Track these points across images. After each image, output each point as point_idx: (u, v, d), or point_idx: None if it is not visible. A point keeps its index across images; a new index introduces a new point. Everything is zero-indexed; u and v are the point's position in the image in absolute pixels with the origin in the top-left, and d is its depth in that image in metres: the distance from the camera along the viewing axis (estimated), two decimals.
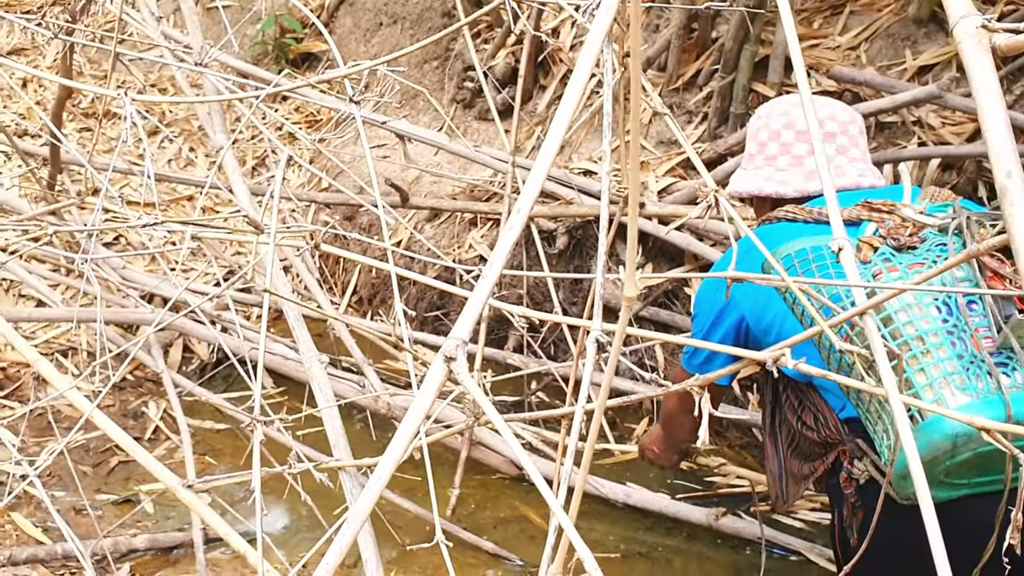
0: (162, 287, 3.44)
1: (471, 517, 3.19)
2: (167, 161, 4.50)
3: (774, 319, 1.95)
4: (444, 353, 0.97)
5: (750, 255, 1.80)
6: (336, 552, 0.92)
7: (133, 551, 2.87)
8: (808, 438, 1.98)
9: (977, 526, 1.56)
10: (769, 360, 1.02)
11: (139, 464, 3.24)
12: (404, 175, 4.06)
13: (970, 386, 1.56)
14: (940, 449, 1.57)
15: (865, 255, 1.71)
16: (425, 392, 0.97)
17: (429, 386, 0.97)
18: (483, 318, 3.45)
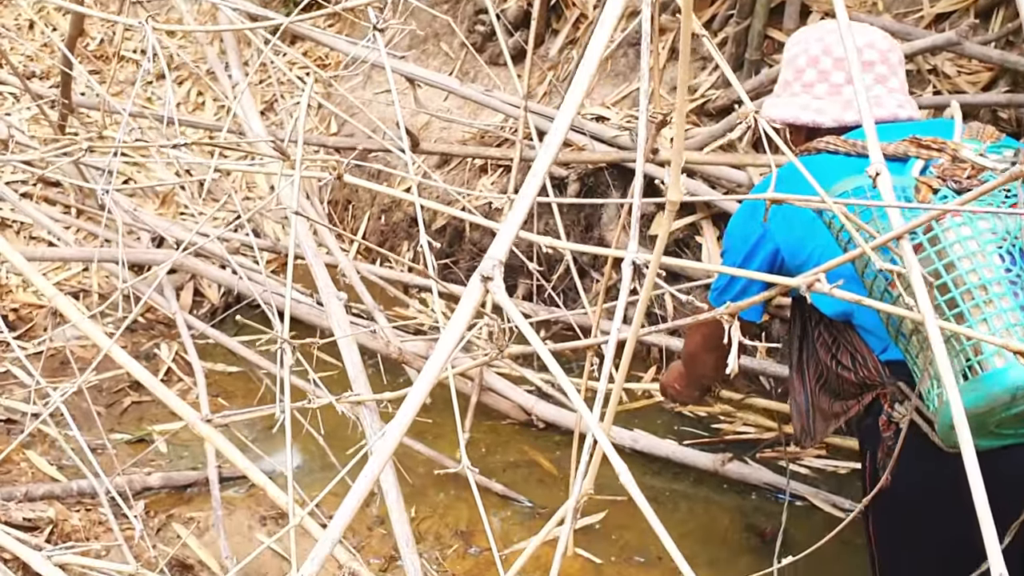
0: (173, 229, 3.43)
1: (481, 461, 3.21)
2: (176, 105, 4.47)
3: (812, 252, 1.88)
4: (481, 273, 0.97)
5: (791, 183, 1.75)
6: (367, 479, 0.92)
7: (148, 488, 2.89)
8: (843, 377, 1.94)
9: (1020, 474, 1.57)
10: (803, 285, 1.02)
11: (152, 404, 3.30)
12: (414, 120, 4.04)
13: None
14: (999, 401, 1.54)
15: (924, 196, 1.65)
16: (462, 311, 0.97)
17: (466, 305, 0.97)
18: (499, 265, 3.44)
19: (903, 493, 1.83)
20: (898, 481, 1.80)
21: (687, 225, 3.72)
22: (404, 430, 0.95)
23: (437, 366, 0.96)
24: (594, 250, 1.20)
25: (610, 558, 2.79)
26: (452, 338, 0.96)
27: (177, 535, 2.74)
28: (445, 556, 2.81)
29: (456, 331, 0.97)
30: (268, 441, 3.11)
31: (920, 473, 1.77)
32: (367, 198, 4.16)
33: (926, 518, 1.87)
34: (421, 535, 2.87)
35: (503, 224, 0.99)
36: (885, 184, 0.98)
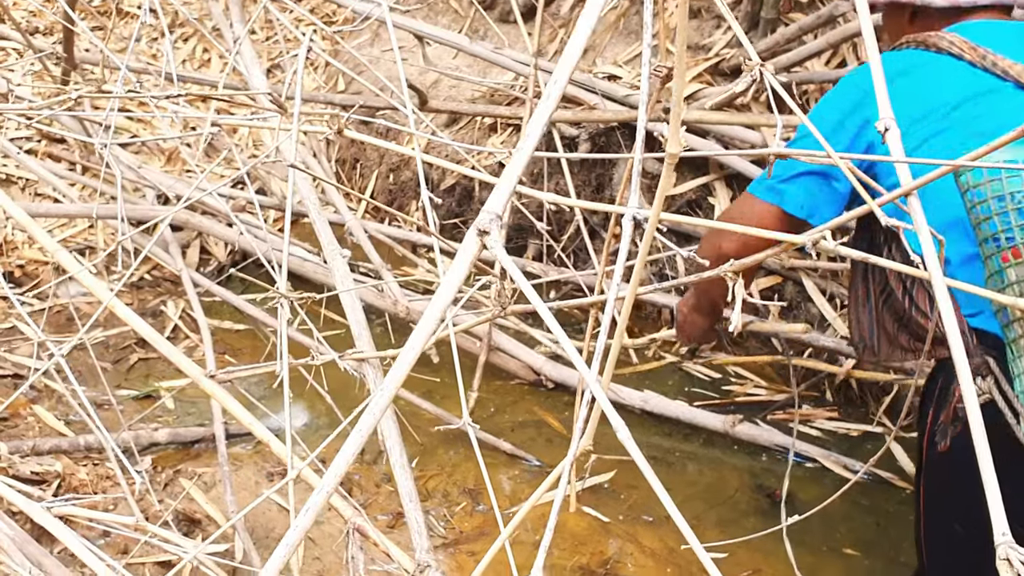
0: (176, 185, 3.40)
1: (490, 420, 3.21)
2: (181, 62, 4.43)
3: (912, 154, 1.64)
4: (478, 226, 0.94)
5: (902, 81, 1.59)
6: (368, 423, 0.90)
7: (155, 444, 2.90)
8: (916, 321, 1.72)
9: None
10: (808, 243, 0.99)
11: (159, 361, 3.30)
12: (422, 78, 4.00)
13: None
14: None
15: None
16: (458, 265, 0.94)
17: (462, 259, 0.95)
18: (504, 224, 3.42)
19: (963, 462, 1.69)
20: (960, 451, 1.63)
21: (700, 186, 3.68)
22: (400, 382, 0.93)
23: (433, 319, 0.94)
24: (596, 206, 1.17)
25: (618, 517, 2.79)
26: (448, 292, 0.94)
27: (184, 490, 2.75)
28: (453, 513, 2.81)
29: (452, 285, 0.95)
30: (275, 399, 3.11)
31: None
32: (375, 157, 4.13)
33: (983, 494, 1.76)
34: (429, 493, 2.88)
35: (501, 178, 0.96)
36: (894, 140, 0.95)
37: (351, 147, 4.23)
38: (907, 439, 3.07)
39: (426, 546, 1.60)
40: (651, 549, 2.68)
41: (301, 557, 2.60)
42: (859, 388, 3.25)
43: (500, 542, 1.07)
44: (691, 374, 3.45)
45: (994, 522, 0.74)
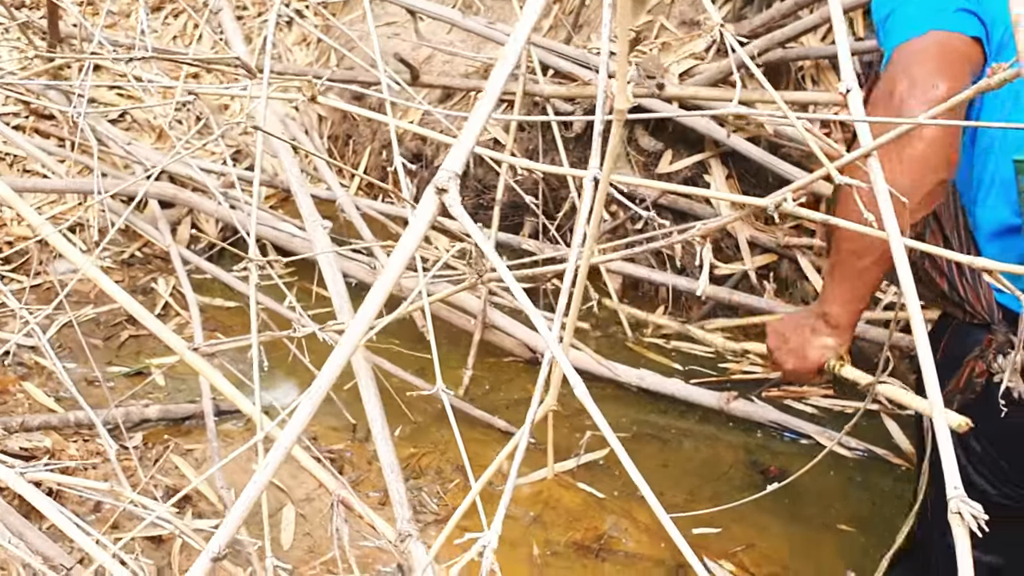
0: (162, 160, 3.38)
1: (484, 397, 3.20)
2: (172, 38, 4.40)
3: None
4: (436, 184, 0.92)
5: None
6: (329, 373, 0.88)
7: (145, 421, 2.89)
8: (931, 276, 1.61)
9: None
10: (771, 205, 0.97)
11: (150, 338, 3.29)
12: (415, 53, 3.97)
13: None
14: None
15: None
16: (416, 224, 0.92)
17: (420, 218, 0.93)
18: (499, 201, 3.40)
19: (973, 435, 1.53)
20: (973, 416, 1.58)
21: (696, 164, 3.65)
22: (360, 339, 0.92)
23: (390, 279, 0.92)
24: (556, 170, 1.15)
25: (613, 493, 2.78)
26: (406, 250, 0.92)
27: (175, 466, 2.75)
28: (446, 490, 2.80)
29: (410, 243, 0.93)
30: (267, 376, 3.11)
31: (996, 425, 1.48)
32: (367, 133, 4.10)
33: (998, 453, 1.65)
34: (422, 470, 2.87)
35: (459, 137, 0.94)
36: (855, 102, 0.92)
37: (344, 123, 4.21)
38: (902, 416, 3.05)
39: (407, 516, 1.59)
40: (645, 524, 2.67)
41: (292, 533, 2.59)
42: (854, 365, 3.22)
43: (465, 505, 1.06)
44: (686, 352, 3.44)
45: (947, 476, 0.73)
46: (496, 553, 2.58)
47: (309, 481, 2.70)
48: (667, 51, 3.73)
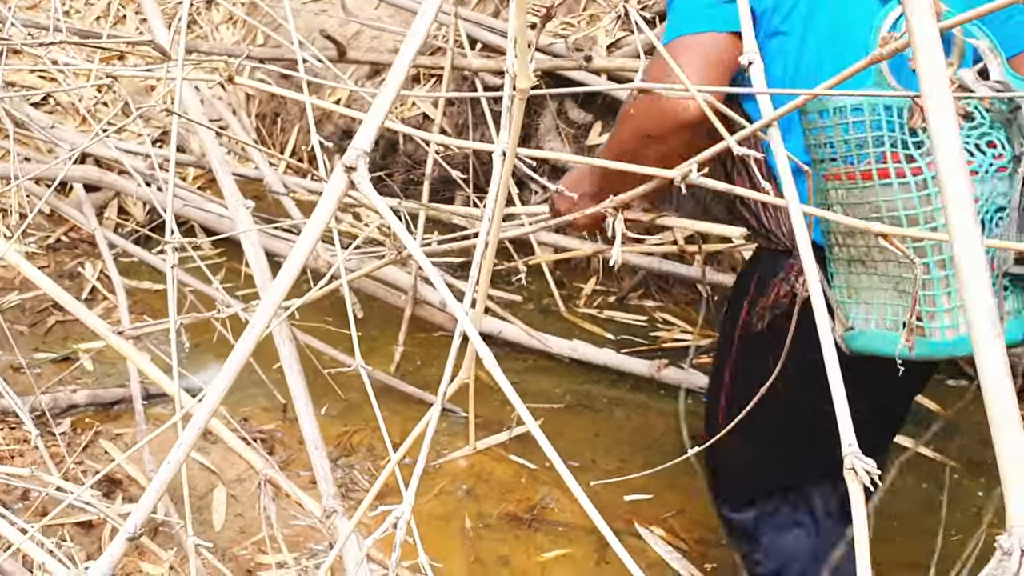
0: (94, 146, 3.33)
1: (417, 373, 3.21)
2: (95, 18, 4.31)
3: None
4: (344, 162, 0.93)
5: None
6: (242, 351, 0.89)
7: (73, 407, 2.86)
8: (743, 214, 1.77)
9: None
10: (678, 176, 1.00)
11: (77, 323, 3.24)
12: (343, 30, 3.94)
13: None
14: (931, 359, 1.54)
15: (915, 122, 1.44)
16: (325, 202, 0.94)
17: (329, 196, 0.94)
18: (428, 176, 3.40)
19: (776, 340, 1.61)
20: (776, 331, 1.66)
21: None
22: (271, 317, 0.93)
23: (300, 256, 0.93)
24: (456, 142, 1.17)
25: (544, 464, 2.82)
26: (315, 229, 0.93)
27: (105, 451, 2.72)
28: (378, 467, 2.81)
29: (319, 221, 0.94)
30: (196, 359, 3.09)
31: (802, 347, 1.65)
32: (296, 111, 4.06)
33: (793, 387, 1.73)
34: (353, 448, 2.88)
35: (368, 114, 0.95)
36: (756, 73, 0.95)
37: (272, 101, 4.17)
38: None
39: (332, 492, 1.60)
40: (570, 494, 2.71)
41: (223, 514, 2.59)
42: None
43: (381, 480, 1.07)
44: (619, 321, 3.48)
45: (842, 434, 0.76)
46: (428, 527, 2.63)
47: (240, 462, 2.69)
48: (595, 23, 3.75)
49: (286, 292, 0.94)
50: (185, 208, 2.46)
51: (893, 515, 2.61)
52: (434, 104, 3.76)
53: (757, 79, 0.95)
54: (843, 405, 0.75)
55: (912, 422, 2.96)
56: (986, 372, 0.64)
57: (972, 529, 2.55)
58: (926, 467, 2.80)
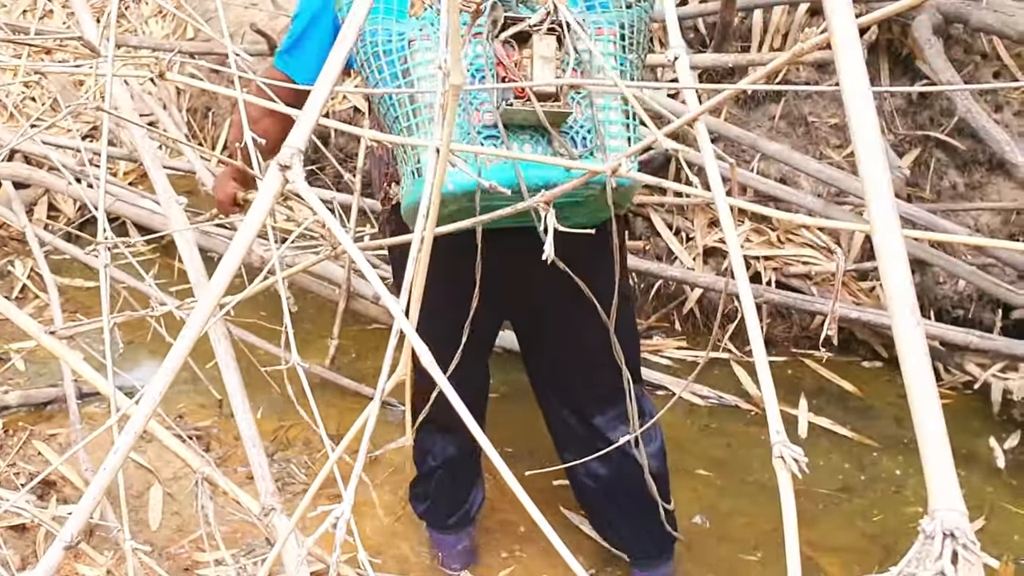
0: (22, 143, 3.29)
1: (352, 366, 3.23)
2: (22, 12, 4.25)
3: None
4: (279, 161, 0.96)
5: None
6: (180, 350, 0.92)
7: (5, 408, 2.83)
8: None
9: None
10: (607, 170, 1.04)
11: (7, 322, 3.20)
12: (273, 23, 3.93)
13: (461, 155, 1.67)
14: None
15: (416, 11, 1.74)
16: (261, 200, 0.96)
17: (265, 194, 0.97)
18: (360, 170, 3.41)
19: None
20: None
21: None
22: (209, 314, 0.95)
23: (237, 254, 0.96)
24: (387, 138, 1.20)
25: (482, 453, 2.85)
26: (252, 227, 0.96)
27: (38, 452, 2.70)
28: (314, 460, 2.83)
29: (255, 220, 0.97)
30: (130, 357, 3.07)
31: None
32: (227, 106, 4.05)
33: None
34: (290, 442, 2.89)
35: (302, 113, 0.98)
36: (683, 68, 1.00)
37: (203, 96, 4.14)
38: (750, 364, 3.21)
39: (271, 489, 1.62)
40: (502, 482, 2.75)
41: (160, 512, 2.59)
42: (704, 317, 3.38)
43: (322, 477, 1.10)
44: None
45: (770, 424, 0.80)
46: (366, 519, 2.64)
47: (176, 460, 2.69)
48: None
49: (223, 292, 0.96)
50: (116, 204, 2.45)
51: (816, 496, 2.69)
52: (365, 98, 3.76)
53: (684, 73, 1.00)
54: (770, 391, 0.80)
55: (832, 403, 3.07)
56: (906, 355, 0.67)
57: (893, 508, 2.65)
58: (846, 446, 2.89)
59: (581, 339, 2.10)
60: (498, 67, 1.71)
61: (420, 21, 1.74)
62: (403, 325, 0.95)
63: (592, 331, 1.90)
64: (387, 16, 1.75)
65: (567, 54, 1.73)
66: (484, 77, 1.71)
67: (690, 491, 2.69)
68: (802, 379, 3.18)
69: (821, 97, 3.37)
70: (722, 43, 3.28)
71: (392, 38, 1.73)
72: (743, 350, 3.27)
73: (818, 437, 2.93)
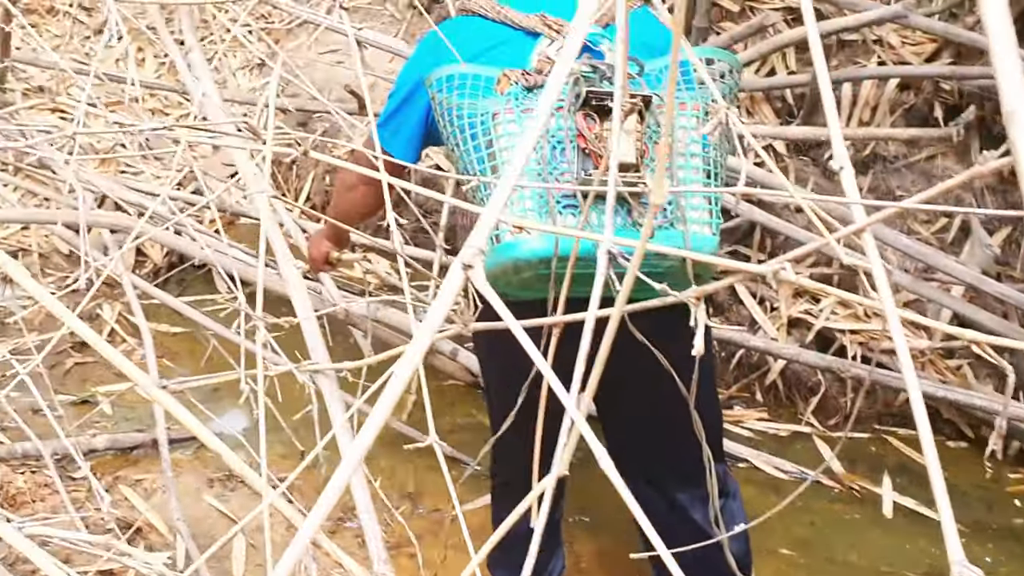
0: (117, 189, 3.36)
1: (427, 422, 3.23)
2: (115, 61, 4.36)
3: None
4: (462, 260, 0.98)
5: (441, 47, 1.97)
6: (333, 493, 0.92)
7: (93, 451, 2.87)
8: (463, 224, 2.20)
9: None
10: (769, 273, 1.05)
11: (96, 365, 3.27)
12: (360, 82, 4.00)
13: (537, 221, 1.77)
14: (504, 268, 1.77)
15: (503, 88, 1.80)
16: (442, 299, 0.98)
17: (446, 293, 0.98)
18: (443, 227, 3.45)
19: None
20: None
21: None
22: (377, 431, 0.96)
23: (416, 357, 0.97)
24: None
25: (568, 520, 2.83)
26: (431, 326, 0.97)
27: (124, 498, 2.73)
28: (393, 518, 2.83)
29: (436, 319, 0.98)
30: (215, 402, 3.10)
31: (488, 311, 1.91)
32: (311, 159, 4.12)
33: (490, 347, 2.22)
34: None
35: (484, 211, 1.00)
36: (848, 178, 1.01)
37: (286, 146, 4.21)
38: (834, 438, 3.19)
39: (384, 556, 1.63)
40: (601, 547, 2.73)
41: (243, 564, 2.60)
42: (787, 389, 3.36)
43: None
44: None
45: (948, 541, 0.79)
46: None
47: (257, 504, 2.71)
48: None
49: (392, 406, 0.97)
50: (213, 254, 2.50)
51: None
52: (447, 157, 3.81)
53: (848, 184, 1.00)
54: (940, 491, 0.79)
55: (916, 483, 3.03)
56: None
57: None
58: (932, 529, 2.84)
59: (661, 411, 2.07)
60: (579, 139, 1.76)
61: (506, 97, 1.80)
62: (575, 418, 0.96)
63: (672, 403, 1.83)
64: (474, 92, 1.82)
65: (648, 127, 1.79)
66: (564, 149, 1.76)
67: (773, 572, 2.66)
68: (885, 456, 3.14)
69: (910, 171, 3.36)
70: (811, 115, 3.30)
71: (478, 114, 1.80)
72: (826, 424, 3.24)
73: (903, 518, 2.89)
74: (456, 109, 1.81)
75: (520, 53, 1.93)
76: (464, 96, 1.81)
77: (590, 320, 1.07)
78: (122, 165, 3.79)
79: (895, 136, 3.18)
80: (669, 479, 2.19)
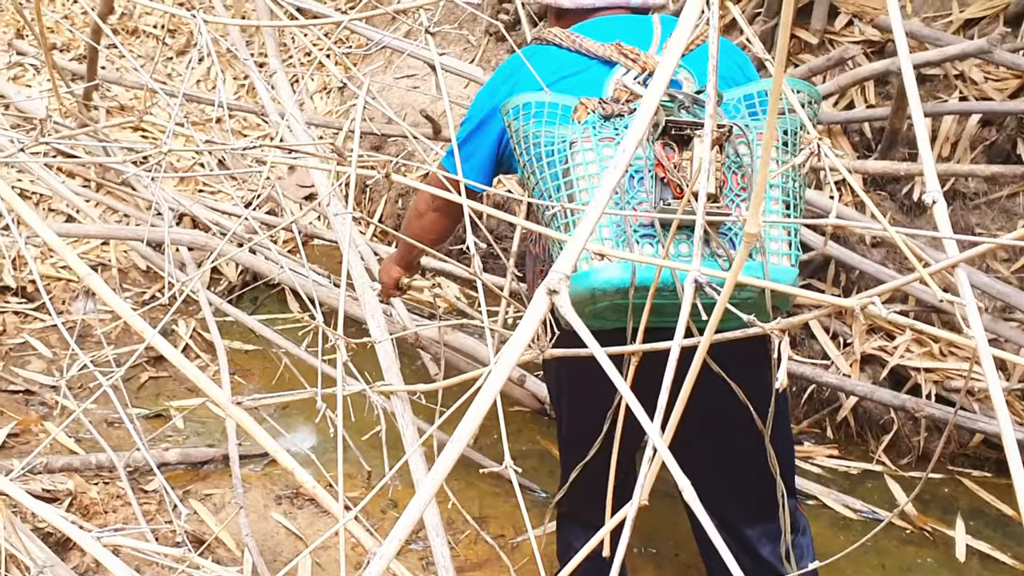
0: (195, 208, 3.43)
1: (493, 447, 3.24)
2: (196, 82, 4.46)
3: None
4: (548, 286, 0.98)
5: (516, 75, 2.02)
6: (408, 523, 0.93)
7: (164, 464, 2.91)
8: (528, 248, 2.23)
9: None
10: (857, 308, 1.03)
11: (170, 380, 3.33)
12: (434, 106, 4.05)
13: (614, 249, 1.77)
14: (582, 296, 1.76)
15: (580, 116, 1.82)
16: (527, 324, 0.98)
17: (531, 318, 0.98)
18: (514, 254, 3.45)
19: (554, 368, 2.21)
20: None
21: None
22: (454, 461, 0.96)
23: (497, 385, 0.97)
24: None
25: (632, 550, 2.81)
26: (514, 353, 0.97)
27: (193, 511, 2.77)
28: (458, 542, 2.84)
29: (519, 344, 0.98)
30: (283, 419, 3.14)
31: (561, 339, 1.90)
32: (385, 181, 4.16)
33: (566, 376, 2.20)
34: None
35: (572, 238, 1.00)
36: (941, 212, 0.99)
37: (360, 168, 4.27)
38: (906, 478, 3.12)
39: None
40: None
41: None
42: (859, 426, 3.30)
43: None
44: None
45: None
46: None
47: (324, 528, 2.73)
48: None
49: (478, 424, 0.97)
50: (291, 275, 2.53)
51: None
52: (520, 184, 3.83)
53: (941, 219, 0.99)
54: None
55: (990, 527, 2.95)
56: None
57: None
58: (1007, 574, 2.78)
59: (733, 445, 2.06)
60: (657, 168, 1.76)
61: (583, 126, 1.81)
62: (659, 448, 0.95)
63: (745, 437, 1.84)
64: (551, 120, 1.83)
65: (727, 157, 1.78)
66: (643, 178, 1.77)
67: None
68: (958, 499, 3.07)
69: (990, 208, 3.30)
70: (889, 149, 3.25)
71: (555, 141, 1.81)
72: (897, 463, 3.17)
73: (977, 562, 2.81)
74: (533, 136, 1.82)
75: (596, 82, 1.94)
76: (541, 124, 1.82)
77: (675, 349, 1.07)
78: (200, 184, 3.86)
79: (976, 173, 3.11)
80: (738, 513, 2.16)
